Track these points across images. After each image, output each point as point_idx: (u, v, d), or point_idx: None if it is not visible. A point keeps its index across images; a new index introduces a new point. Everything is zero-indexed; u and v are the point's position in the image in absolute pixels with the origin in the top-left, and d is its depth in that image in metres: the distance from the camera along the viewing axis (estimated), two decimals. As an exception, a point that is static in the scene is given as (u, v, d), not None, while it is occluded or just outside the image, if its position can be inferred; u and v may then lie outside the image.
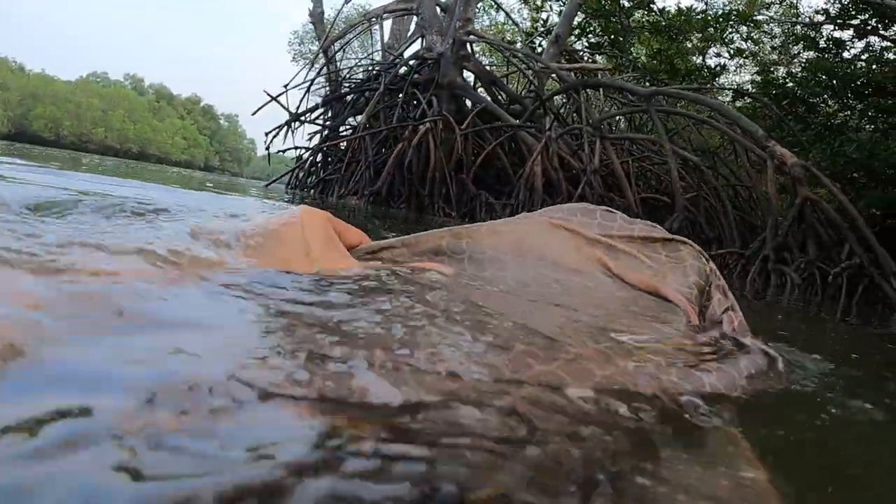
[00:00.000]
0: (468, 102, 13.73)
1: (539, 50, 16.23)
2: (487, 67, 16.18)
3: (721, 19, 16.48)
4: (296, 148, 15.55)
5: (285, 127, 15.46)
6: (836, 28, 14.12)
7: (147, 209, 2.33)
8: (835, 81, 12.71)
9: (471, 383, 0.93)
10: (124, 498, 0.56)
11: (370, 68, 16.71)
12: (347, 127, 15.54)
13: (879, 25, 13.24)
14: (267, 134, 15.91)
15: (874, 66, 12.96)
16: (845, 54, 13.92)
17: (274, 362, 0.88)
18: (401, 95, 14.09)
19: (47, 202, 2.26)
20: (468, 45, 13.96)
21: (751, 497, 0.82)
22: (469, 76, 14.31)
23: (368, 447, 0.70)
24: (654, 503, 0.75)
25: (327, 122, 15.85)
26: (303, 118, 15.70)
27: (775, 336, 2.86)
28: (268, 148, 15.83)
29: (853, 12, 13.32)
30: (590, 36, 16.98)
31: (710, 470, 0.88)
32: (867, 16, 13.19)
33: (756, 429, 1.12)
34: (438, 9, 15.46)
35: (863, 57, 13.73)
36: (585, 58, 16.37)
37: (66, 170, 6.98)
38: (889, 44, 13.51)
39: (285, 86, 15.65)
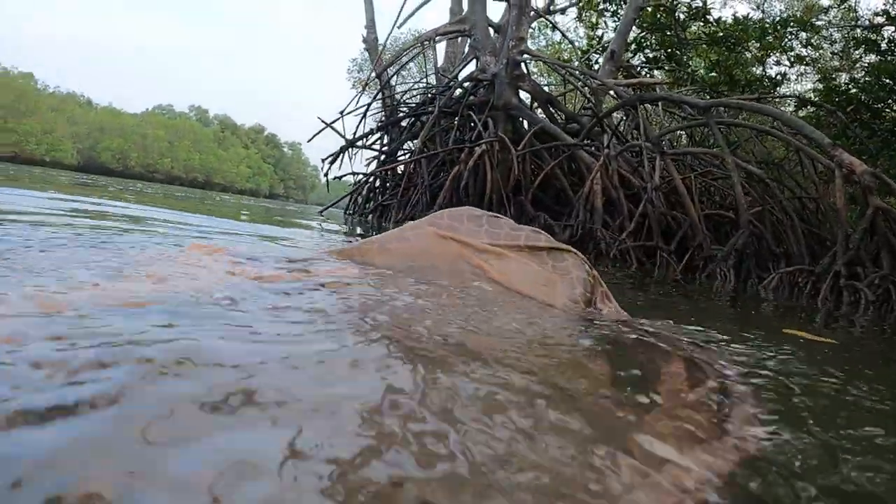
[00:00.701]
0: (525, 123, 13.62)
1: (595, 67, 16.05)
2: (544, 87, 16.04)
3: (779, 26, 16.12)
4: (353, 174, 15.57)
5: (341, 153, 15.50)
6: (898, 29, 13.74)
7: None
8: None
9: None
10: None
11: (425, 92, 16.70)
12: (404, 151, 15.53)
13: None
14: (324, 161, 16.02)
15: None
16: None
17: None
18: (456, 118, 14.00)
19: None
20: (522, 65, 13.86)
21: None
22: (525, 96, 14.17)
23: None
24: None
25: (384, 147, 15.88)
26: (358, 144, 15.76)
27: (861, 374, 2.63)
28: (326, 174, 15.89)
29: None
30: (646, 51, 16.72)
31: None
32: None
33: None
34: (491, 30, 15.34)
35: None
36: (643, 73, 16.14)
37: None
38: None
39: (341, 112, 15.74)
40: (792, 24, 16.34)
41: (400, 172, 14.64)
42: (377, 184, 15.50)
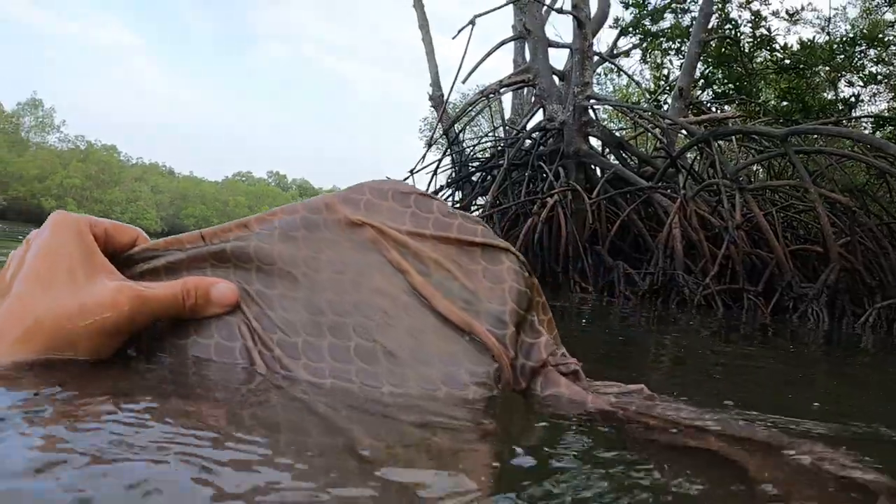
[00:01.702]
0: (597, 170, 13.45)
1: (665, 107, 15.83)
2: (615, 133, 15.84)
3: (847, 46, 15.70)
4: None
5: None
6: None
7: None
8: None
9: None
10: None
11: (494, 145, 16.66)
12: (476, 207, 15.44)
13: None
14: None
15: None
16: None
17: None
18: (527, 170, 13.90)
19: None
20: (590, 111, 13.71)
21: None
22: (596, 143, 14.05)
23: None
24: None
25: (456, 205, 15.79)
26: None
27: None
28: None
29: None
30: (714, 85, 16.45)
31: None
32: None
33: None
34: (556, 77, 15.28)
35: None
36: (713, 108, 15.85)
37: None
38: None
39: (410, 171, 15.79)
40: (859, 41, 15.91)
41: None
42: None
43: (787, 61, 15.53)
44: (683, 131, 13.09)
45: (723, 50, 15.69)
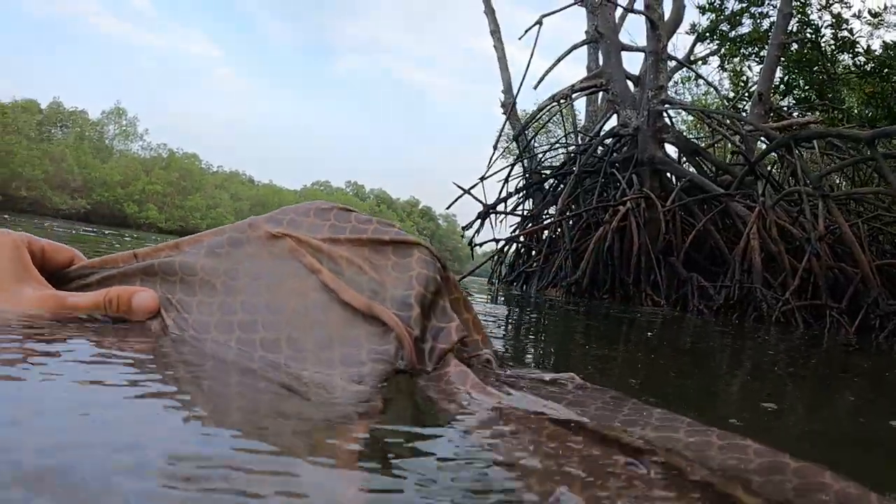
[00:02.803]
0: (672, 178, 13.02)
1: (743, 115, 15.28)
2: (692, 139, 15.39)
3: (933, 45, 14.95)
4: (496, 240, 15.27)
5: (480, 219, 15.27)
6: None
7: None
8: None
9: None
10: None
11: (567, 152, 16.38)
12: (548, 215, 15.12)
13: None
14: (464, 229, 15.90)
15: None
16: None
17: None
18: (600, 177, 13.55)
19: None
20: (665, 117, 13.29)
21: None
22: (671, 151, 13.61)
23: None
24: None
25: (527, 212, 15.53)
26: (499, 209, 15.45)
27: None
28: (471, 244, 15.73)
29: None
30: (795, 91, 15.83)
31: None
32: None
33: None
34: (630, 82, 14.87)
35: None
36: (794, 115, 15.24)
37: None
38: None
39: (481, 178, 15.60)
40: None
41: (544, 238, 14.26)
42: (522, 250, 15.19)
43: (871, 65, 14.84)
44: (763, 139, 12.56)
45: (803, 54, 15.10)
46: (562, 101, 16.13)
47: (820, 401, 2.81)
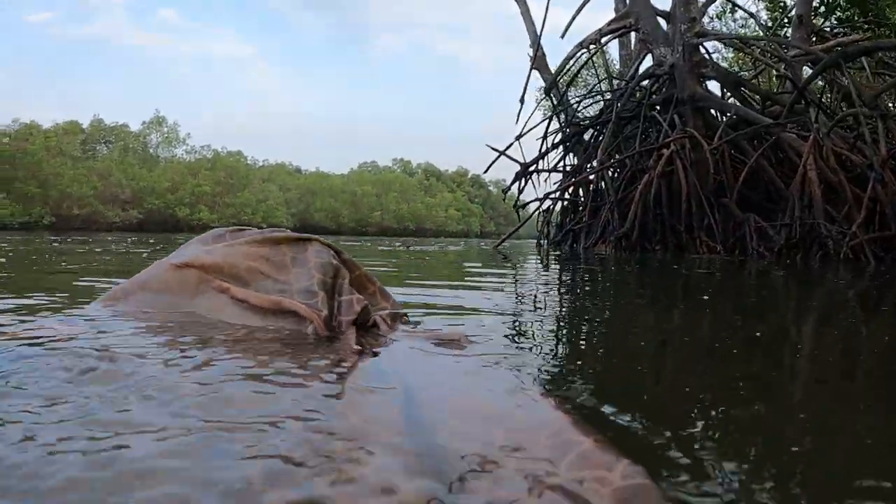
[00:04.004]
0: (717, 115, 12.23)
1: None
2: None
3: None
4: (539, 200, 14.71)
5: (517, 180, 14.80)
6: None
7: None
8: None
9: None
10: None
11: (602, 99, 15.80)
12: (590, 168, 14.44)
13: None
14: (504, 191, 15.57)
15: None
16: None
17: None
18: (640, 123, 12.81)
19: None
20: (702, 50, 12.48)
21: None
22: (713, 87, 12.84)
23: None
24: None
25: (569, 167, 14.93)
26: (536, 167, 14.88)
27: None
28: (515, 206, 15.34)
29: None
30: (836, 11, 14.81)
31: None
32: None
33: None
34: (661, 20, 13.98)
35: None
36: (838, 35, 14.24)
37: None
38: None
39: (517, 137, 15.06)
40: None
41: (589, 192, 13.65)
42: (568, 207, 14.64)
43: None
44: (808, 65, 11.68)
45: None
46: (591, 46, 15.37)
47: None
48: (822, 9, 14.74)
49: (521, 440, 1.02)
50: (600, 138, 14.16)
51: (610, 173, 13.07)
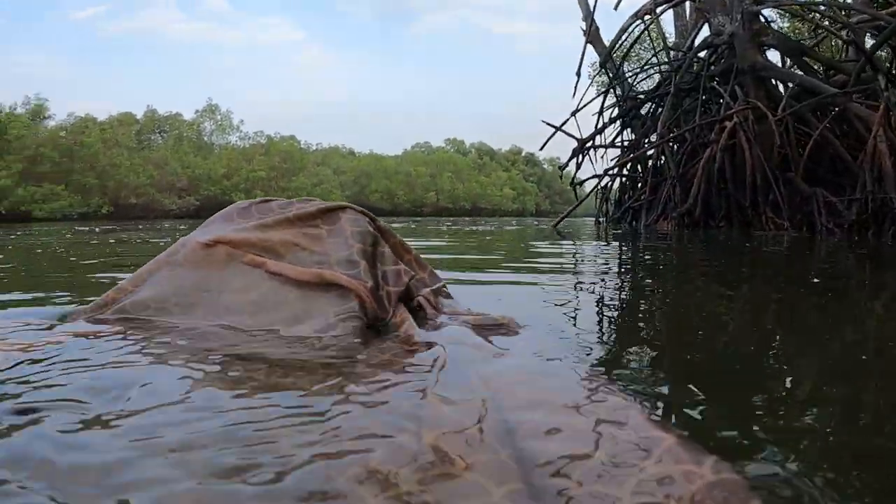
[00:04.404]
0: (779, 86, 11.91)
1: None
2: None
3: None
4: (597, 177, 14.49)
5: (574, 156, 14.60)
6: None
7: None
8: None
9: None
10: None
11: (660, 72, 15.49)
12: (648, 143, 14.18)
13: None
14: (560, 169, 15.49)
15: None
16: None
17: None
18: (700, 95, 12.53)
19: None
20: (761, 17, 12.13)
21: None
22: (774, 57, 12.48)
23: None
24: None
25: (627, 142, 14.69)
26: (593, 143, 14.66)
27: None
28: (572, 183, 15.18)
29: None
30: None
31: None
32: None
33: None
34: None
35: None
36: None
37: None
38: None
39: (573, 112, 14.79)
40: None
41: (648, 167, 13.43)
42: (627, 184, 14.43)
43: None
44: (871, 31, 11.28)
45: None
46: (646, 17, 15.09)
47: None
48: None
49: (602, 439, 1.04)
50: (659, 112, 13.93)
51: (670, 147, 12.75)
